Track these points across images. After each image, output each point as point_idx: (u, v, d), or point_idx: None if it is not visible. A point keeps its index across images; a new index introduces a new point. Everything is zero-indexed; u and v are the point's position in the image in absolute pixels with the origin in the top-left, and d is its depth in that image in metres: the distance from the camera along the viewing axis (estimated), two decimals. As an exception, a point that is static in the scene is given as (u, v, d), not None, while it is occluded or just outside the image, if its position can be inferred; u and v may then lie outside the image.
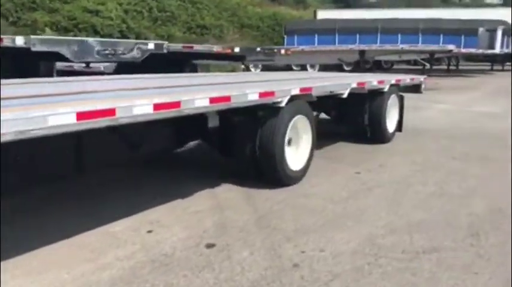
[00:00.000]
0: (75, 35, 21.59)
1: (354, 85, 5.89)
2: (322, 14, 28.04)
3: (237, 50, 8.54)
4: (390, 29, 24.31)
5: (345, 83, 5.82)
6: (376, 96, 6.85)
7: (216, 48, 8.43)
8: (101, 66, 10.01)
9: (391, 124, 7.32)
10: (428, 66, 22.72)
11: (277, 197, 4.52)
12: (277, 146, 4.60)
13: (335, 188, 4.87)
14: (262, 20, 30.88)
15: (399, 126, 7.65)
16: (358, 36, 24.58)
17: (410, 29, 24.02)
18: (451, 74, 24.60)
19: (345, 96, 5.74)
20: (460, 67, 28.21)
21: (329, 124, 7.59)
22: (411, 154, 6.51)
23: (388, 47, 16.29)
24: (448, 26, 23.53)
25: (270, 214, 4.09)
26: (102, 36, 22.71)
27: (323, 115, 7.53)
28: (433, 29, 23.70)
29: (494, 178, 5.29)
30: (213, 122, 4.59)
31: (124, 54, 6.88)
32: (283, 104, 4.58)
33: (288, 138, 4.96)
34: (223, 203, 4.36)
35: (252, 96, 4.11)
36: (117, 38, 23.06)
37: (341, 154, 6.46)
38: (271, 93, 4.36)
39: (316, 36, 24.82)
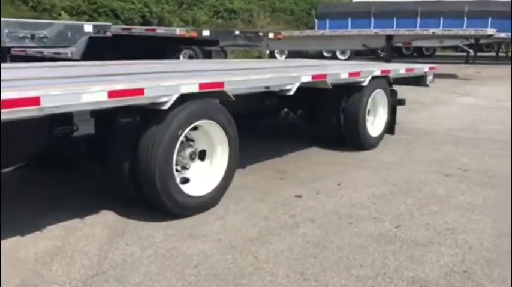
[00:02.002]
0: (91, 19, 20.84)
1: (307, 79, 4.47)
2: (360, -4, 26.05)
3: (206, 33, 7.23)
4: (432, 12, 22.25)
5: (292, 76, 4.41)
6: (353, 91, 5.41)
7: (180, 31, 7.16)
8: (68, 52, 8.97)
9: (375, 126, 5.85)
10: (472, 52, 20.61)
11: (155, 237, 3.24)
12: (159, 163, 3.30)
13: (249, 222, 3.53)
14: (297, 3, 29.28)
15: (391, 129, 6.15)
16: (395, 20, 22.68)
17: (454, 12, 21.88)
18: (499, 62, 22.25)
19: (291, 93, 4.35)
20: (512, 54, 25.60)
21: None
22: (391, 167, 5.03)
23: (418, 31, 14.40)
24: (498, 8, 21.23)
25: (114, 270, 2.81)
26: (122, 21, 21.91)
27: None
28: (480, 12, 21.47)
29: (487, 214, 3.78)
30: (84, 129, 3.31)
31: (46, 38, 5.71)
32: (166, 106, 3.27)
33: (189, 152, 3.67)
34: (71, 245, 3.11)
35: (94, 97, 2.81)
36: (139, 22, 22.20)
37: (301, 164, 5.07)
38: (136, 92, 3.05)
39: (349, 20, 23.03)
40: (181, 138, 3.43)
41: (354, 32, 15.09)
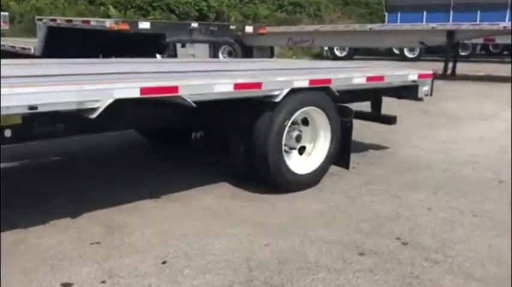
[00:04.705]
0: (144, 14, 20.21)
1: (129, 94, 2.87)
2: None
3: (144, 25, 5.75)
4: (526, 4, 19.10)
5: (96, 88, 2.82)
6: (264, 110, 3.72)
7: (110, 24, 5.76)
8: (31, 48, 7.99)
9: (312, 158, 4.09)
10: None
11: None
12: None
13: None
14: (374, -5, 26.90)
15: (343, 160, 4.32)
16: (479, 13, 19.76)
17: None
18: None
19: (94, 116, 2.78)
20: None
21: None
22: (290, 228, 3.27)
23: (485, 26, 11.78)
24: None
25: None
26: (177, 15, 21.11)
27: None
28: None
29: None
30: None
31: None
32: None
33: None
34: None
35: None
36: (194, 17, 21.28)
37: (165, 214, 3.48)
38: None
39: (424, 13, 20.44)
40: None
41: (406, 26, 12.81)
